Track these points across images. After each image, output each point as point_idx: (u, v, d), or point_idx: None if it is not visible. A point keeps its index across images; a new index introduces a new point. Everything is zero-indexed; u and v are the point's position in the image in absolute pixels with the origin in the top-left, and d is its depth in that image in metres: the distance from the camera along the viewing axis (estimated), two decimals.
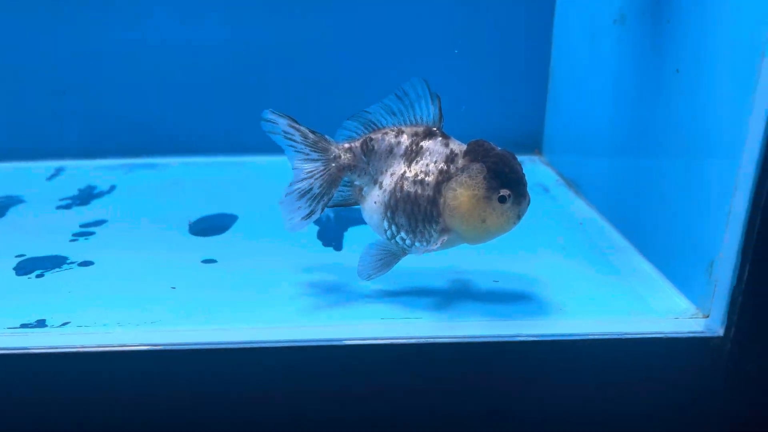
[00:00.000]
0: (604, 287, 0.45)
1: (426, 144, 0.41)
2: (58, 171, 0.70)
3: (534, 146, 0.77)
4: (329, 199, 0.42)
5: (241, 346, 0.39)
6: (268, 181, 0.68)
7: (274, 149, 0.75)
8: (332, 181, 0.42)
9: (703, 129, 0.41)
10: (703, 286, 0.41)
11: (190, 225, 0.53)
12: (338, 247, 0.52)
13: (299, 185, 0.42)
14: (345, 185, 0.43)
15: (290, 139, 0.42)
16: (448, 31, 0.73)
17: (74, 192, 0.63)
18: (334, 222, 0.57)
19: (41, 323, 0.40)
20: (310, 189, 0.42)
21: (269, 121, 0.42)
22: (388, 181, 0.41)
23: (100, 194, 0.63)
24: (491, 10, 0.72)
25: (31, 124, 0.72)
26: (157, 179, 0.68)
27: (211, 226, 0.56)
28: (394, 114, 0.42)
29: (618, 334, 0.40)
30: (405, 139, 0.41)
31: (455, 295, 0.44)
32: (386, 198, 0.41)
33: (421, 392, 0.41)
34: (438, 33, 0.73)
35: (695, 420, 0.41)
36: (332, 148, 0.42)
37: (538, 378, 0.41)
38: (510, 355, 0.40)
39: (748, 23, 0.37)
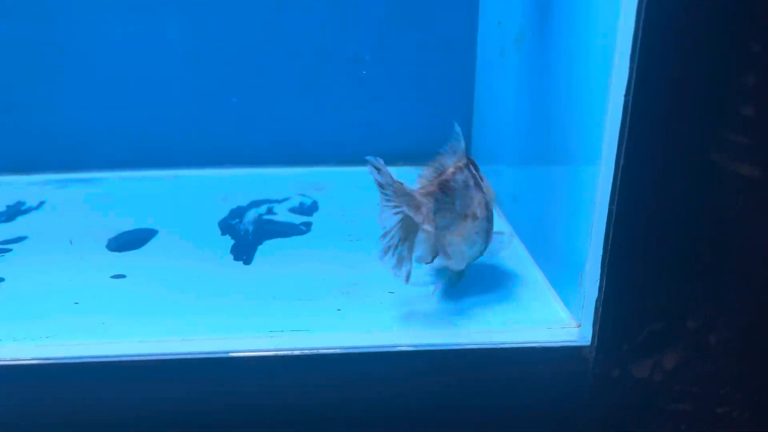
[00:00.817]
0: (493, 297, 0.47)
1: (474, 172, 0.47)
2: None
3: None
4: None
5: (128, 358, 0.40)
6: (197, 194, 0.69)
7: (208, 162, 0.78)
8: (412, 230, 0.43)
9: (575, 148, 0.43)
10: (576, 296, 0.43)
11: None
12: (248, 260, 0.54)
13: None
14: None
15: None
16: (381, 37, 0.75)
17: (2, 208, 0.65)
18: (251, 236, 0.59)
19: None
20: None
21: (375, 167, 0.43)
22: (480, 210, 0.45)
23: (28, 210, 0.64)
24: (419, 20, 0.74)
25: None
26: (89, 195, 0.69)
27: (129, 240, 0.57)
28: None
29: (493, 344, 0.42)
30: (467, 173, 0.46)
31: (347, 306, 0.46)
32: (485, 224, 0.46)
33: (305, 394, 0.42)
34: (372, 40, 0.75)
35: (570, 421, 0.43)
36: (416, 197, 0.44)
37: (417, 387, 0.42)
38: (391, 365, 0.42)
39: (599, 46, 0.39)
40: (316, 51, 0.76)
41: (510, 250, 0.54)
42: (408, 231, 0.43)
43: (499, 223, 0.61)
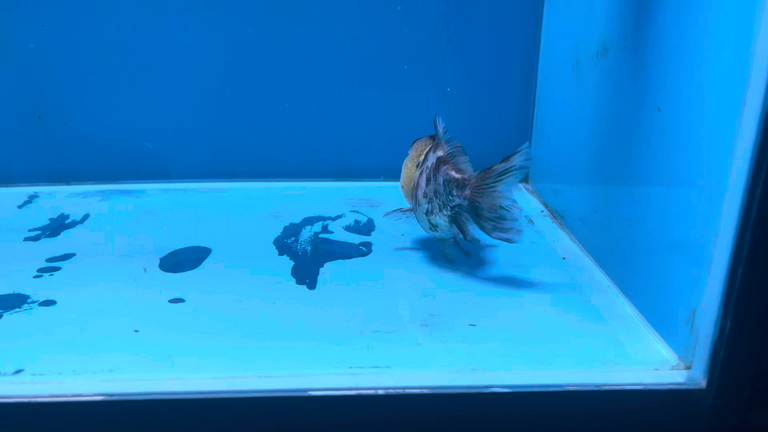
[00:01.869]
0: (583, 332, 0.44)
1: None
2: (32, 198, 0.68)
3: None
4: None
5: (203, 396, 0.37)
6: (245, 209, 0.66)
7: (254, 175, 0.75)
8: None
9: (686, 170, 0.40)
10: (685, 335, 0.39)
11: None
12: (312, 285, 0.50)
13: None
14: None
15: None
16: (435, 57, 0.72)
17: (45, 221, 0.62)
18: (310, 257, 0.55)
19: None
20: None
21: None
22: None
23: (72, 224, 0.61)
24: (477, 35, 0.72)
25: (4, 149, 0.70)
26: (133, 208, 0.66)
27: (183, 260, 0.54)
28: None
29: (596, 386, 0.39)
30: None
31: (428, 339, 0.43)
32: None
33: None
34: (426, 59, 0.72)
35: None
36: None
37: (511, 431, 0.39)
38: (483, 408, 0.39)
39: (729, 63, 0.36)
40: (367, 63, 0.73)
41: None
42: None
43: (570, 245, 0.57)
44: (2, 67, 0.68)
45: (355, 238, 0.59)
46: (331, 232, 0.61)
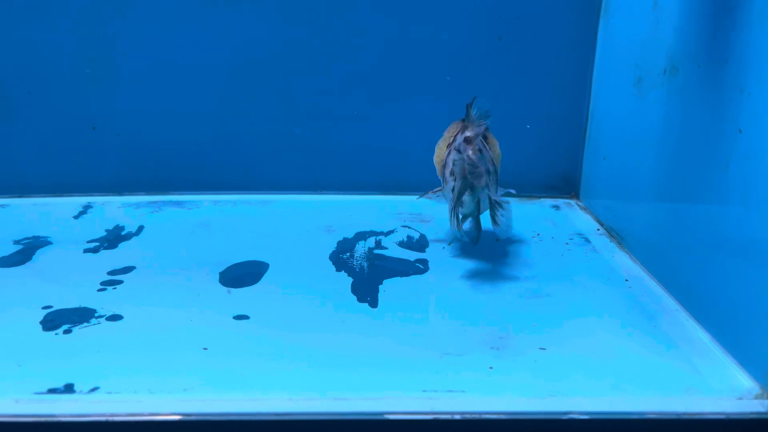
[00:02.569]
0: (656, 358, 0.43)
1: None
2: (86, 208, 0.69)
3: (570, 190, 0.75)
4: None
5: (281, 418, 0.37)
6: (296, 221, 0.66)
7: (303, 187, 0.75)
8: None
9: None
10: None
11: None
12: (374, 303, 0.50)
13: None
14: None
15: None
16: (485, 71, 0.72)
17: (102, 233, 0.62)
18: (368, 273, 0.55)
19: (69, 388, 0.38)
20: None
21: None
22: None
23: (128, 236, 0.62)
24: (529, 50, 0.71)
25: (59, 159, 0.71)
26: (186, 219, 0.66)
27: (242, 275, 0.54)
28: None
29: (676, 414, 0.38)
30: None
31: (499, 363, 0.42)
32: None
33: None
34: (476, 73, 0.72)
35: None
36: None
37: None
38: None
39: None
40: (416, 76, 0.72)
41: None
42: None
43: (631, 265, 0.56)
44: (58, 78, 0.69)
45: (410, 255, 0.59)
46: (386, 248, 0.60)
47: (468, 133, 0.49)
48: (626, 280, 0.54)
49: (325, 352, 0.43)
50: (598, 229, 0.65)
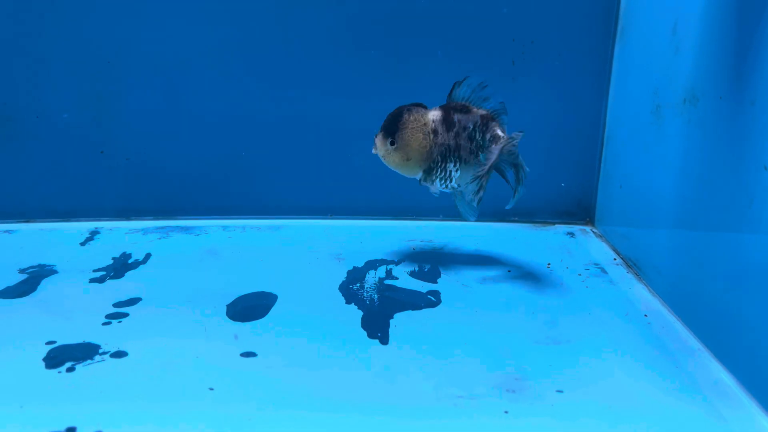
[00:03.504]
0: (678, 403, 0.41)
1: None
2: (93, 234, 0.68)
3: (585, 216, 0.74)
4: None
5: None
6: (306, 248, 0.65)
7: (313, 212, 0.74)
8: None
9: None
10: None
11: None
12: (384, 339, 0.48)
13: None
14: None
15: None
16: (498, 95, 0.70)
17: (108, 261, 0.61)
18: (378, 306, 0.54)
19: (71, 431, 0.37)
20: None
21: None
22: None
23: (135, 264, 0.61)
24: (543, 75, 0.70)
25: (67, 183, 0.71)
26: (194, 246, 0.66)
27: (250, 307, 0.53)
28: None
29: None
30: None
31: (514, 408, 0.40)
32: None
33: None
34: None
35: None
36: None
37: None
38: None
39: None
40: (423, 97, 0.71)
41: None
42: None
43: (650, 299, 0.55)
44: (66, 102, 0.68)
45: (422, 286, 0.57)
46: (396, 278, 0.59)
47: (482, 112, 0.55)
48: (645, 316, 0.52)
49: (334, 393, 0.41)
50: (615, 259, 0.63)
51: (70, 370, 0.43)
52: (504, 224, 0.74)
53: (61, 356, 0.45)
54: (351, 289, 0.57)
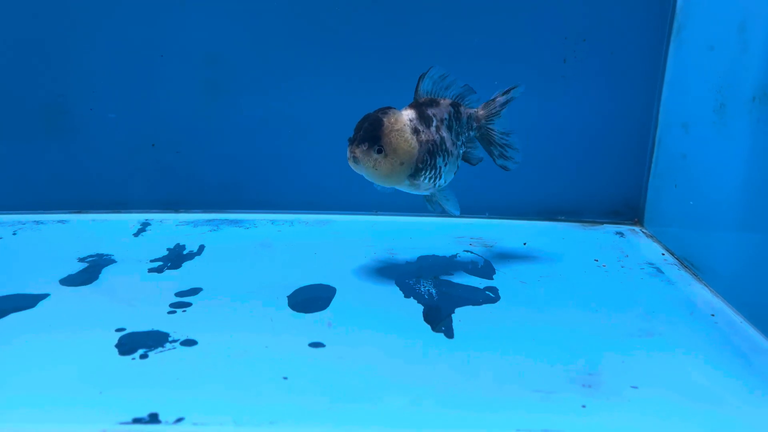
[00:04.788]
0: (751, 402, 0.41)
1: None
2: (144, 225, 0.68)
3: (632, 216, 0.73)
4: None
5: None
6: (356, 242, 0.65)
7: (361, 207, 0.74)
8: None
9: None
10: None
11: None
12: (449, 334, 0.48)
13: None
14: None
15: None
16: (547, 93, 0.70)
17: (163, 251, 0.62)
18: (437, 301, 0.54)
19: (154, 418, 0.37)
20: None
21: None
22: None
23: (191, 255, 0.61)
24: (595, 72, 0.69)
25: (118, 175, 0.71)
26: (245, 239, 0.66)
27: (310, 298, 0.53)
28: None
29: None
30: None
31: (592, 402, 0.40)
32: None
33: None
34: (537, 95, 0.70)
35: None
36: None
37: None
38: None
39: None
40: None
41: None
42: None
43: (711, 299, 0.54)
44: (120, 96, 0.69)
45: (479, 282, 0.57)
46: (451, 274, 0.59)
47: (449, 101, 0.55)
48: (712, 315, 0.51)
49: (407, 384, 0.41)
50: (667, 259, 0.63)
51: (144, 357, 0.43)
52: (550, 223, 0.73)
53: (132, 343, 0.45)
54: (407, 283, 0.57)
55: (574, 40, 0.69)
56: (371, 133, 0.51)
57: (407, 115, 0.53)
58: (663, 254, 0.64)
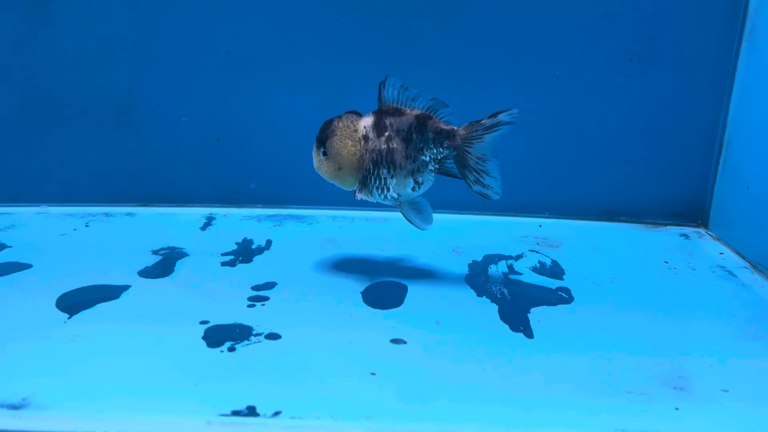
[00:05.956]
0: None
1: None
2: (209, 220, 0.69)
3: (696, 218, 0.72)
4: None
5: None
6: (420, 240, 0.65)
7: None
8: None
9: None
10: None
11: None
12: (528, 333, 0.48)
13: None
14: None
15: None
16: (612, 92, 0.70)
17: (232, 245, 0.62)
18: (510, 300, 0.53)
19: (252, 411, 0.38)
20: None
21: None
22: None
23: (259, 250, 0.62)
24: (662, 72, 0.69)
25: (183, 169, 0.72)
26: (310, 234, 0.66)
27: (383, 294, 0.53)
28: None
29: None
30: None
31: (684, 404, 0.40)
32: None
33: None
34: (602, 94, 0.70)
35: None
36: None
37: None
38: None
39: None
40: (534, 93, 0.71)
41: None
42: None
43: None
44: (186, 92, 0.70)
45: (549, 282, 0.57)
46: (520, 274, 0.59)
47: (416, 112, 0.51)
48: None
49: (494, 384, 0.41)
50: (737, 262, 0.62)
51: (231, 349, 0.44)
52: (612, 224, 0.73)
53: (218, 336, 0.46)
54: (477, 282, 0.57)
55: (642, 39, 0.68)
56: (322, 135, 0.53)
57: (365, 121, 0.52)
58: (732, 257, 0.63)
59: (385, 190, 0.53)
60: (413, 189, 0.53)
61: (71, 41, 0.68)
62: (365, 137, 0.52)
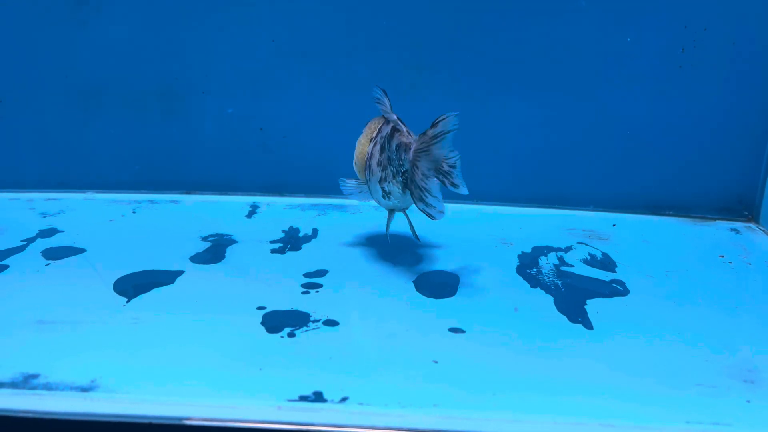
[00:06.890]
0: None
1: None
2: (254, 208, 0.69)
3: (746, 212, 0.71)
4: None
5: None
6: (467, 230, 0.65)
7: (457, 195, 0.73)
8: None
9: None
10: None
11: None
12: (588, 324, 0.47)
13: None
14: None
15: None
16: (663, 82, 0.69)
17: (279, 233, 0.62)
18: (564, 292, 0.53)
19: (319, 396, 0.37)
20: None
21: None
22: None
23: (307, 238, 0.61)
24: (714, 63, 0.67)
25: (227, 158, 0.72)
26: (354, 223, 0.66)
27: (437, 284, 0.53)
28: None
29: None
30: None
31: (756, 397, 0.39)
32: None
33: None
34: (652, 84, 0.69)
35: None
36: None
37: None
38: None
39: None
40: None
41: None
42: None
43: None
44: (231, 81, 0.69)
45: (601, 275, 0.56)
46: (572, 266, 0.58)
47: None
48: None
49: (557, 374, 0.41)
50: None
51: (291, 335, 0.44)
52: (659, 217, 0.72)
53: (276, 321, 0.46)
54: (529, 273, 0.56)
55: (695, 28, 0.67)
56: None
57: (385, 128, 0.52)
58: None
59: (371, 192, 0.56)
60: (384, 197, 0.53)
61: (119, 29, 0.68)
62: (373, 140, 0.54)
